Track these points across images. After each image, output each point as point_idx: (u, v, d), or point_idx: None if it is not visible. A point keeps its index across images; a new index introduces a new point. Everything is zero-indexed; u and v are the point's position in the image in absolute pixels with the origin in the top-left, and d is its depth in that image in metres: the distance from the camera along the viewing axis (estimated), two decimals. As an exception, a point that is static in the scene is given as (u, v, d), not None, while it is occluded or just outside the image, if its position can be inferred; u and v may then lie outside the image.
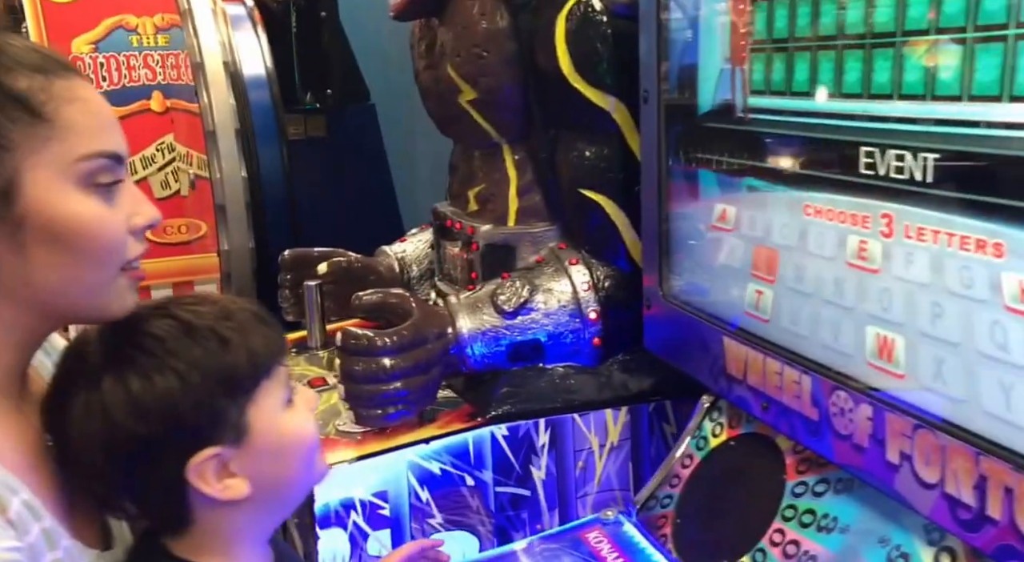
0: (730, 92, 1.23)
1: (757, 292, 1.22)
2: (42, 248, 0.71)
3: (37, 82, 0.70)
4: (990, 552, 0.86)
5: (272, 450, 0.82)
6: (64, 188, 0.71)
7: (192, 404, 0.77)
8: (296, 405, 0.86)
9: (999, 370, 0.85)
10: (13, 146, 0.69)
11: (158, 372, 0.76)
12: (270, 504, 0.86)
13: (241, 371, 0.80)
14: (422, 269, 2.15)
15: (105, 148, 0.74)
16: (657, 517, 1.33)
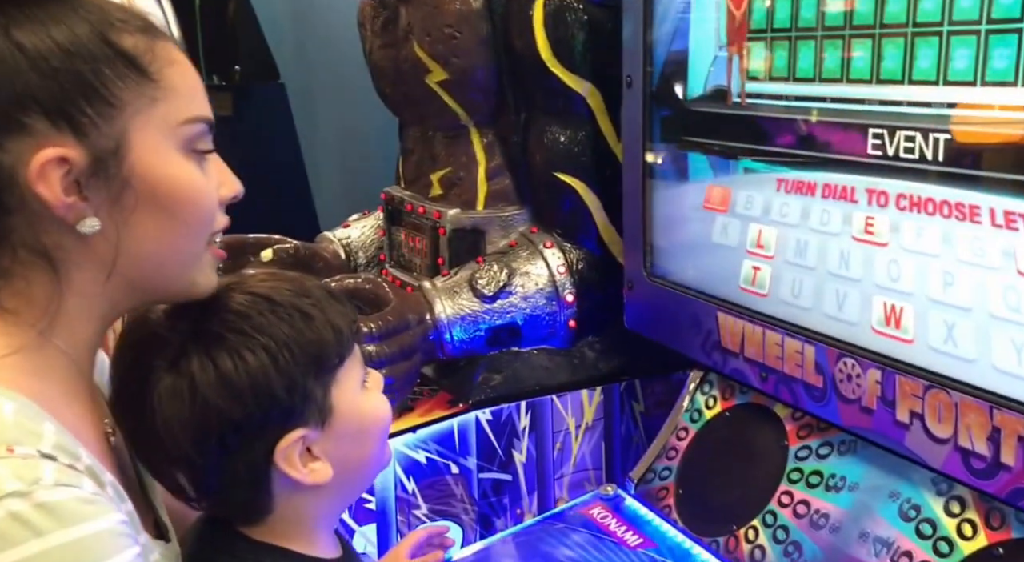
0: (725, 78, 1.33)
1: (754, 268, 1.32)
2: (143, 213, 0.70)
3: (143, 42, 0.70)
4: (1004, 496, 0.99)
5: (353, 432, 0.83)
6: (168, 151, 0.71)
7: (284, 383, 0.76)
8: (369, 387, 0.87)
9: (1011, 330, 0.98)
10: (122, 105, 0.68)
11: (248, 349, 0.75)
12: (346, 488, 0.87)
13: (328, 348, 0.80)
14: (369, 255, 2.16)
15: (204, 113, 0.74)
16: (657, 489, 1.43)
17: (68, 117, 0.65)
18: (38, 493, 0.59)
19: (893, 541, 1.11)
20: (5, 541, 0.57)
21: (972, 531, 1.05)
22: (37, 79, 0.64)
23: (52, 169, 0.65)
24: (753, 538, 1.26)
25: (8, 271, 0.68)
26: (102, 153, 0.67)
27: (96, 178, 0.67)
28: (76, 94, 0.66)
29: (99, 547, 0.60)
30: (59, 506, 0.59)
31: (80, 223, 0.67)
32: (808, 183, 1.21)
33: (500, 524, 1.67)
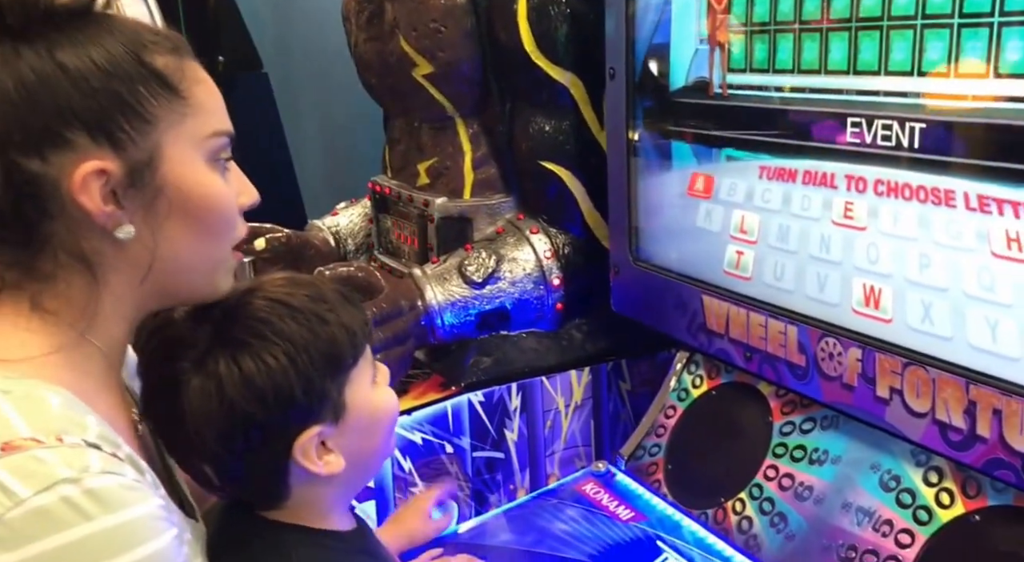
0: (707, 70, 1.33)
1: (738, 253, 1.34)
2: (174, 220, 0.73)
3: (172, 61, 0.73)
4: (980, 466, 1.01)
5: (364, 426, 0.86)
6: (196, 162, 0.74)
7: (302, 385, 0.79)
8: (379, 382, 0.89)
9: (986, 309, 1.00)
10: (156, 120, 0.71)
11: (270, 354, 0.78)
12: (358, 476, 0.90)
13: (343, 351, 0.82)
14: (358, 242, 2.15)
15: (227, 127, 0.77)
16: (647, 465, 1.44)
17: (107, 132, 0.68)
18: (86, 480, 0.61)
19: (874, 511, 1.14)
20: (57, 524, 0.59)
21: (950, 500, 1.08)
22: (79, 98, 0.67)
23: (92, 180, 0.68)
24: (740, 510, 1.28)
25: (50, 275, 0.70)
26: (137, 165, 0.70)
27: (132, 188, 0.70)
28: (114, 111, 0.69)
29: (142, 530, 0.63)
30: (105, 492, 0.62)
31: (117, 230, 0.70)
32: (789, 170, 1.22)
33: (494, 500, 1.68)
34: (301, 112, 3.30)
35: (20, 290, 0.70)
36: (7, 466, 0.60)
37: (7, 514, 0.59)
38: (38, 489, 0.60)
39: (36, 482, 0.60)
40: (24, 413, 0.64)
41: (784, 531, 1.22)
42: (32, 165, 0.66)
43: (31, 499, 0.59)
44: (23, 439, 0.62)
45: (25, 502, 0.59)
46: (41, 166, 0.67)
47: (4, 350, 0.68)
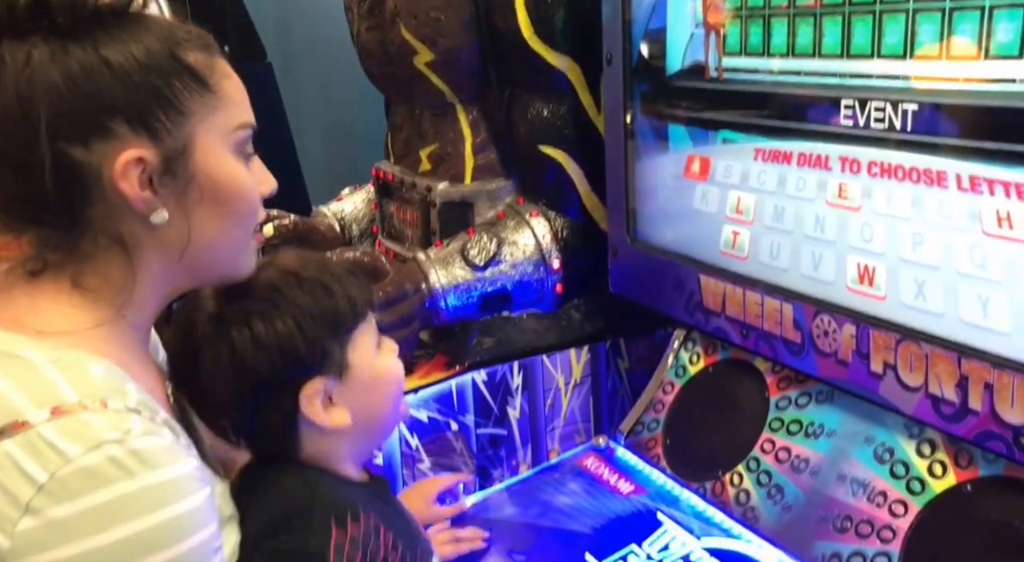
0: (703, 54, 1.32)
1: (733, 233, 1.33)
2: (204, 206, 0.76)
3: (203, 58, 0.75)
4: (972, 438, 1.01)
5: (367, 384, 0.90)
6: (225, 153, 0.77)
7: (306, 343, 0.84)
8: (384, 349, 0.95)
9: (977, 286, 1.00)
10: (190, 112, 0.74)
11: (278, 317, 0.84)
12: (364, 433, 0.93)
13: (343, 315, 0.88)
14: (362, 227, 2.15)
15: (251, 120, 0.80)
16: (646, 440, 1.44)
17: (145, 123, 0.71)
18: (130, 441, 0.65)
19: (869, 482, 1.14)
20: (103, 480, 0.63)
21: (942, 471, 1.08)
22: (121, 91, 0.70)
23: (131, 168, 0.71)
24: (738, 483, 1.28)
25: (90, 255, 0.74)
26: (172, 154, 0.73)
27: (167, 176, 0.73)
28: (152, 103, 0.72)
29: (180, 488, 0.66)
30: (147, 452, 0.65)
31: (153, 214, 0.73)
32: (784, 152, 1.21)
33: (497, 475, 1.68)
34: (304, 101, 3.27)
35: (62, 270, 0.73)
36: (57, 428, 0.63)
37: (58, 472, 0.62)
38: (86, 449, 0.63)
39: (84, 442, 0.63)
40: (71, 380, 0.67)
41: (781, 502, 1.22)
42: (77, 153, 0.69)
43: (80, 458, 0.62)
44: (71, 404, 0.65)
45: (74, 460, 0.62)
46: (85, 154, 0.70)
47: (50, 324, 0.71)
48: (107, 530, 0.62)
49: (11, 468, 0.62)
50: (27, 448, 0.63)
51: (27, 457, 0.62)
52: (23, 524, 0.61)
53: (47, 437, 0.63)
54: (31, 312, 0.72)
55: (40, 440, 0.63)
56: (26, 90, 0.68)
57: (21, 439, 0.63)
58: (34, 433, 0.63)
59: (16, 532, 0.61)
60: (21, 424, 0.64)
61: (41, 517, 0.61)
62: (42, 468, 0.62)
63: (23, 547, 0.61)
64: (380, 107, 2.18)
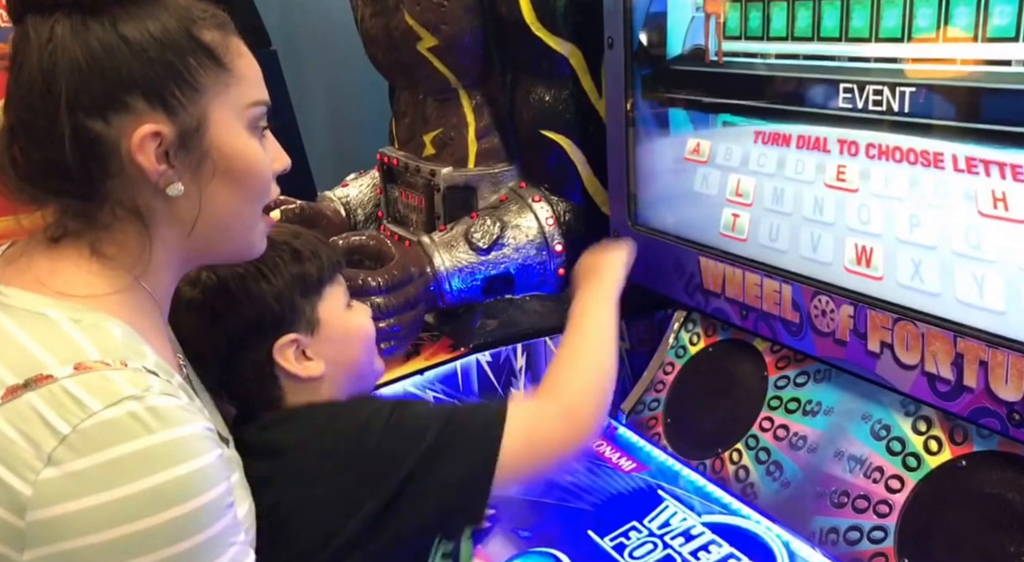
0: (703, 38, 1.32)
1: (733, 215, 1.33)
2: (218, 181, 0.77)
3: (218, 36, 0.76)
4: (966, 414, 1.02)
5: (339, 338, 0.96)
6: (238, 129, 0.78)
7: (275, 297, 0.90)
8: (354, 307, 1.00)
9: (972, 266, 1.00)
10: (204, 89, 0.75)
11: (248, 275, 0.90)
12: (342, 384, 0.97)
13: (310, 273, 0.93)
14: (367, 212, 2.15)
15: (265, 98, 0.81)
16: (647, 419, 1.46)
17: (162, 99, 0.73)
18: (148, 398, 0.66)
19: (866, 458, 1.15)
20: (123, 434, 0.64)
21: (938, 447, 1.09)
22: (139, 67, 0.71)
23: (148, 142, 0.72)
24: (737, 460, 1.30)
25: (108, 225, 0.75)
26: (187, 129, 0.74)
27: (182, 150, 0.74)
28: (168, 80, 0.73)
29: (195, 446, 0.68)
30: (165, 410, 0.67)
31: (168, 187, 0.74)
32: (783, 135, 1.21)
33: (502, 456, 1.69)
34: (309, 88, 3.26)
35: (81, 237, 0.75)
36: (80, 383, 0.65)
37: (81, 424, 0.63)
38: (107, 403, 0.64)
39: (106, 397, 0.65)
40: (92, 340, 0.69)
41: (780, 479, 1.23)
42: (96, 126, 0.71)
43: (101, 412, 0.64)
44: (93, 361, 0.67)
45: (96, 414, 0.64)
46: (104, 128, 0.71)
47: (71, 288, 0.73)
48: (126, 483, 0.63)
49: (35, 420, 0.64)
50: (51, 401, 0.64)
51: (50, 410, 0.64)
52: (45, 474, 0.62)
53: (71, 391, 0.65)
54: (52, 275, 0.74)
55: (64, 393, 0.64)
56: (48, 64, 0.70)
57: (45, 392, 0.65)
58: (58, 387, 0.65)
59: (38, 481, 0.62)
60: (46, 377, 0.65)
61: (62, 468, 0.62)
62: (65, 421, 0.63)
63: (44, 496, 0.62)
64: (384, 94, 2.17)
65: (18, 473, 0.63)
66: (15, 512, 0.63)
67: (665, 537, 1.17)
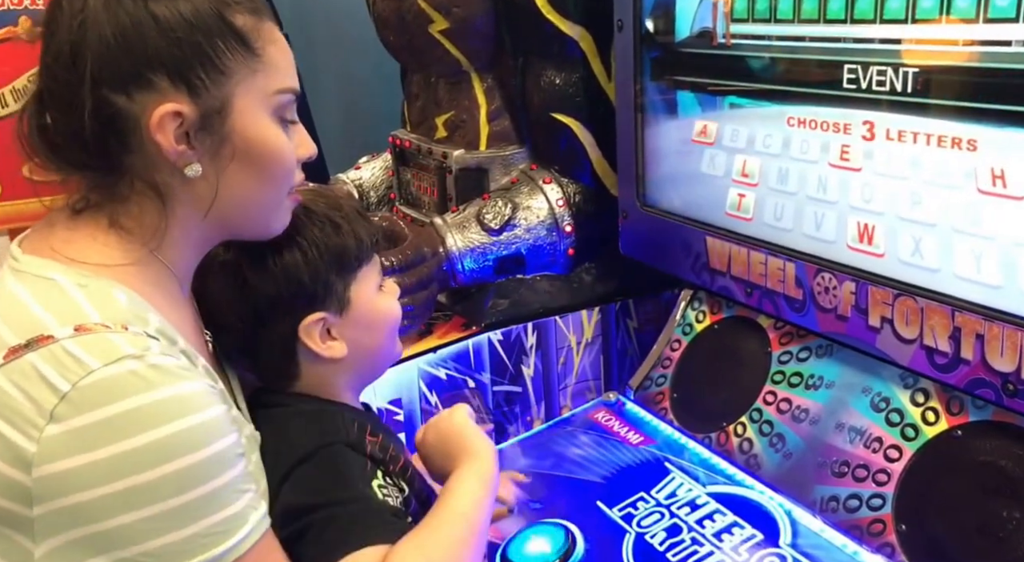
0: (711, 20, 1.34)
1: (739, 195, 1.36)
2: (237, 164, 0.77)
3: (251, 21, 0.76)
4: (963, 386, 1.06)
5: (366, 322, 0.94)
6: (262, 115, 0.78)
7: (310, 274, 0.88)
8: (385, 291, 0.98)
9: (971, 242, 1.03)
10: (231, 73, 0.75)
11: (287, 248, 0.88)
12: (360, 367, 0.97)
13: (349, 252, 0.91)
14: (380, 194, 2.19)
15: (294, 86, 0.81)
16: (654, 394, 1.49)
17: (186, 79, 0.73)
18: (149, 357, 0.68)
19: (866, 429, 1.19)
20: (124, 390, 0.65)
21: (935, 417, 1.12)
22: (165, 45, 0.72)
23: (168, 121, 0.73)
24: (741, 432, 1.33)
25: (127, 198, 0.77)
26: (209, 112, 0.74)
27: (203, 132, 0.75)
28: (195, 61, 0.73)
29: (197, 401, 0.69)
30: (165, 367, 0.68)
31: (186, 168, 0.75)
32: (789, 116, 1.24)
33: (512, 430, 1.74)
34: (320, 72, 3.29)
35: (100, 209, 0.77)
36: (80, 343, 0.66)
37: (80, 382, 0.65)
38: (107, 362, 0.66)
39: (105, 356, 0.66)
40: (95, 304, 0.70)
41: (782, 450, 1.27)
42: (119, 101, 0.72)
43: (101, 369, 0.65)
44: (93, 323, 0.68)
45: (95, 372, 0.65)
46: (126, 102, 0.72)
47: (84, 255, 0.74)
48: (129, 437, 0.64)
49: (36, 378, 0.65)
50: (51, 360, 0.65)
51: (50, 368, 0.65)
52: (48, 431, 0.63)
53: (70, 350, 0.66)
54: (67, 243, 0.75)
55: (64, 352, 0.65)
56: (78, 36, 0.70)
57: (46, 352, 0.66)
58: (58, 347, 0.66)
59: (42, 437, 0.63)
60: (46, 338, 0.66)
61: (65, 424, 0.64)
62: (64, 379, 0.64)
63: (49, 453, 0.63)
64: (396, 77, 2.20)
65: (22, 431, 0.64)
66: (21, 469, 0.64)
67: (672, 507, 1.21)
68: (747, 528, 1.15)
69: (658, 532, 1.17)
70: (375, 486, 0.85)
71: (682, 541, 1.14)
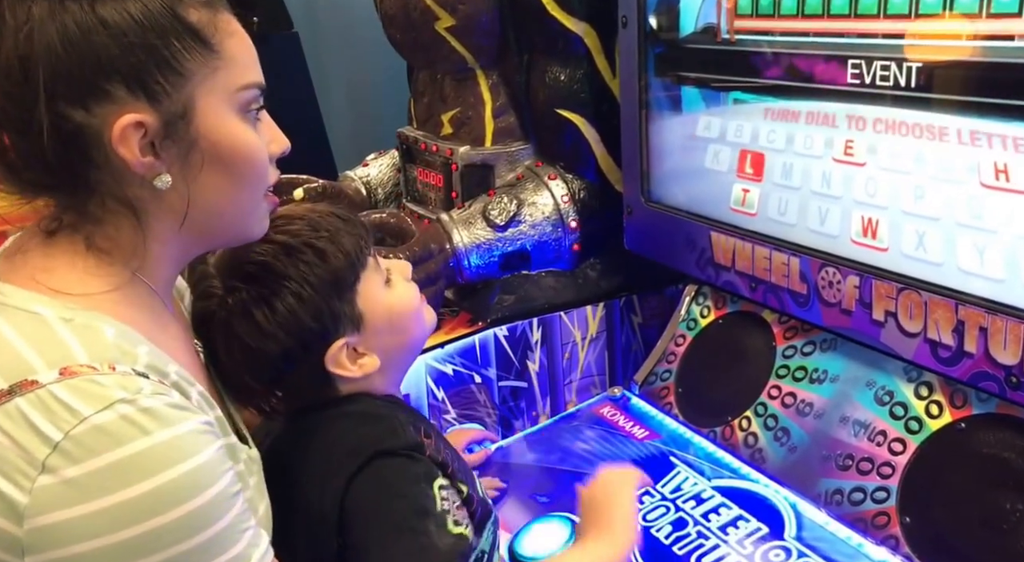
0: (715, 16, 1.34)
1: (743, 190, 1.36)
2: (208, 170, 0.73)
3: (206, 15, 0.72)
4: (966, 379, 1.06)
5: (386, 326, 0.91)
6: (228, 114, 0.74)
7: (311, 314, 0.85)
8: (393, 281, 0.94)
9: (974, 236, 1.03)
10: (189, 74, 0.70)
11: (276, 298, 0.83)
12: (397, 362, 0.96)
13: (342, 273, 0.87)
14: (387, 191, 2.19)
15: (258, 79, 0.76)
16: (659, 389, 1.50)
17: (144, 85, 0.68)
18: (141, 400, 0.64)
19: (870, 423, 1.19)
20: (118, 438, 0.62)
21: (938, 410, 1.12)
22: (118, 51, 0.67)
23: (131, 132, 0.68)
24: (747, 427, 1.33)
25: (100, 219, 0.72)
26: (172, 117, 0.70)
27: (168, 140, 0.70)
28: (150, 65, 0.68)
29: (193, 443, 0.65)
30: (158, 410, 0.64)
31: (155, 179, 0.71)
32: (793, 111, 1.24)
33: (518, 425, 1.74)
34: (329, 70, 3.31)
35: (76, 231, 0.73)
36: (68, 388, 0.63)
37: (72, 430, 0.61)
38: (99, 408, 0.62)
39: (96, 402, 0.62)
40: (83, 341, 0.66)
41: (787, 444, 1.27)
42: (77, 116, 0.67)
43: (93, 417, 0.62)
44: (80, 365, 0.64)
45: (87, 419, 0.61)
46: (85, 117, 0.67)
47: (66, 285, 0.70)
48: (125, 487, 0.61)
49: (25, 426, 0.61)
50: (39, 406, 0.62)
51: (40, 416, 0.61)
52: (40, 481, 0.60)
53: (59, 396, 0.62)
54: (46, 272, 0.71)
55: (52, 398, 0.62)
56: (25, 49, 0.65)
57: (33, 397, 0.62)
58: (45, 392, 0.62)
59: (34, 489, 0.60)
60: (31, 383, 0.63)
61: (58, 475, 0.60)
62: (56, 427, 0.61)
63: (41, 504, 0.60)
64: (402, 77, 2.21)
65: (12, 481, 0.60)
66: (12, 520, 0.60)
67: (677, 501, 1.22)
68: (752, 521, 1.15)
69: (664, 526, 1.17)
70: (436, 488, 0.84)
71: (688, 534, 1.15)
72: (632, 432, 1.41)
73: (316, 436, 0.87)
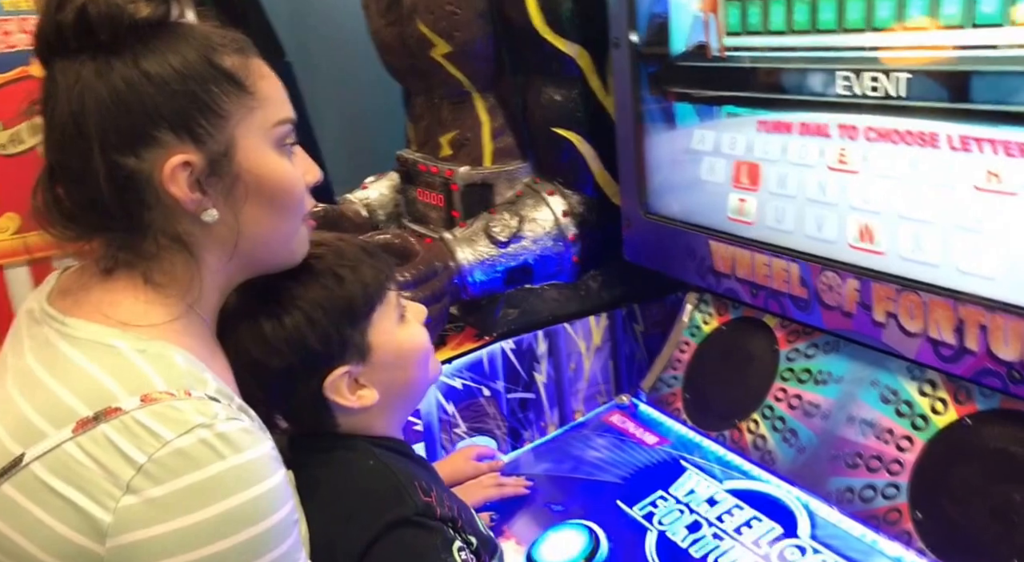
0: (704, 35, 1.35)
1: (740, 200, 1.37)
2: (251, 201, 0.77)
3: (239, 61, 0.76)
4: (970, 376, 1.06)
5: (392, 361, 0.91)
6: (266, 150, 0.78)
7: (318, 336, 0.85)
8: (408, 320, 0.94)
9: (969, 236, 1.04)
10: (229, 115, 0.74)
11: (286, 314, 0.85)
12: (397, 404, 0.95)
13: (357, 302, 0.88)
14: (388, 212, 2.19)
15: (290, 115, 0.80)
16: (666, 396, 1.49)
17: (188, 129, 0.72)
18: (217, 425, 0.67)
19: (876, 421, 1.19)
20: (197, 462, 0.65)
21: (943, 407, 1.13)
22: (163, 100, 0.71)
23: (179, 172, 0.72)
24: (754, 429, 1.33)
25: (155, 255, 0.76)
26: (216, 156, 0.74)
27: (213, 176, 0.74)
28: (193, 110, 0.73)
29: (263, 468, 0.69)
30: (232, 435, 0.67)
31: (204, 214, 0.75)
32: (786, 123, 1.25)
33: (527, 436, 1.74)
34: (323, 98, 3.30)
35: (133, 268, 0.76)
36: (150, 414, 0.66)
37: (156, 453, 0.64)
38: (180, 432, 0.65)
39: (177, 426, 0.66)
40: (158, 369, 0.70)
41: (796, 445, 1.27)
42: (129, 162, 0.71)
43: (175, 440, 0.65)
44: (159, 392, 0.68)
45: (170, 443, 0.65)
46: (136, 163, 0.71)
47: (132, 317, 0.74)
48: (202, 508, 0.64)
49: (111, 450, 0.64)
50: (123, 432, 0.65)
51: (125, 440, 0.64)
52: (124, 501, 0.63)
53: (142, 421, 0.65)
54: (112, 306, 0.74)
55: (135, 424, 0.65)
56: (77, 106, 0.70)
57: (117, 423, 0.65)
58: (128, 418, 0.65)
59: (118, 508, 0.63)
60: (115, 410, 0.66)
61: (141, 495, 0.63)
62: (140, 450, 0.64)
63: (124, 523, 0.63)
64: (395, 99, 2.21)
65: (97, 501, 0.63)
66: (95, 539, 0.63)
67: (691, 504, 1.21)
68: (766, 521, 1.15)
69: (679, 529, 1.17)
70: (455, 551, 0.84)
71: (703, 537, 1.15)
72: (643, 438, 1.41)
73: (319, 483, 0.86)
